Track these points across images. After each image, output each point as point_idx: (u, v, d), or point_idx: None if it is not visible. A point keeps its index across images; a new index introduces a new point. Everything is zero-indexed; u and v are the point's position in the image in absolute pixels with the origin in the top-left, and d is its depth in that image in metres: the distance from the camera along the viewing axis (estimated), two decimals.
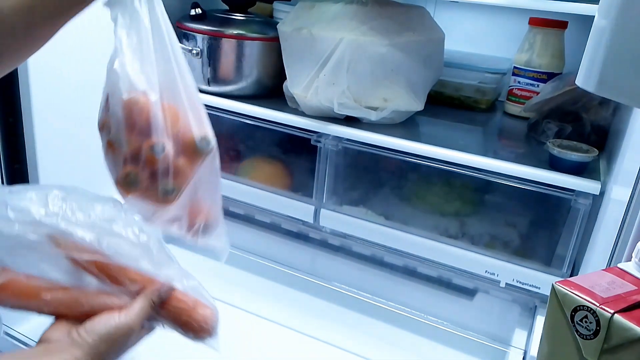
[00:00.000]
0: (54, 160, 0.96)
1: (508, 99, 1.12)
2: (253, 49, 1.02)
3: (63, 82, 0.96)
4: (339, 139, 0.93)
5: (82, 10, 0.55)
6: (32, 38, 0.54)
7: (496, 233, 0.94)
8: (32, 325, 0.87)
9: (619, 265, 0.48)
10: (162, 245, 0.50)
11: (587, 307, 0.43)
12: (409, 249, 0.93)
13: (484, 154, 0.85)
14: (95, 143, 0.56)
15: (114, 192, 0.55)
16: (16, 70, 0.90)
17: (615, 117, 0.91)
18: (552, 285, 0.46)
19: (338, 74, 0.88)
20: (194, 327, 0.47)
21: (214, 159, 0.54)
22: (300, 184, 1.04)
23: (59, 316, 0.47)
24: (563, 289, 0.45)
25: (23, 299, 0.46)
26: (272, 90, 1.05)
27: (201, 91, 1.04)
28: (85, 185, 0.54)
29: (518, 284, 0.86)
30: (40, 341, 0.46)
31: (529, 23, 1.06)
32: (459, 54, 1.15)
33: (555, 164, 0.81)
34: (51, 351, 0.44)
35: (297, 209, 1.00)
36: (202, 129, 0.54)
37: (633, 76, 0.39)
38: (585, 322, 0.43)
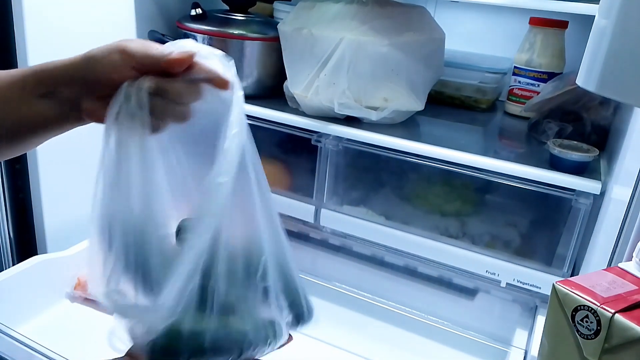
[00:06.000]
0: (54, 161, 0.96)
1: (508, 99, 1.12)
2: (253, 49, 1.02)
3: None
4: (339, 139, 0.93)
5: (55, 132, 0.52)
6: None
7: (497, 233, 0.94)
8: (32, 325, 0.87)
9: (620, 265, 0.48)
10: None
11: (588, 306, 0.43)
12: (410, 248, 0.93)
13: (485, 153, 0.85)
14: (95, 143, 0.56)
15: None
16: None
17: (615, 116, 0.91)
18: (553, 285, 0.46)
19: (338, 73, 0.88)
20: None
21: None
22: (300, 183, 1.04)
23: None
24: (564, 288, 0.45)
25: None
26: (272, 90, 1.05)
27: None
28: (86, 186, 0.54)
29: (519, 284, 0.86)
30: None
31: (530, 23, 1.06)
32: (459, 54, 1.14)
33: (556, 164, 0.81)
34: None
35: (298, 208, 1.00)
36: None
37: (634, 75, 0.39)
38: (586, 321, 0.43)
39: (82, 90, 0.48)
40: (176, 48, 0.46)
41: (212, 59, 0.47)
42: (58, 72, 0.49)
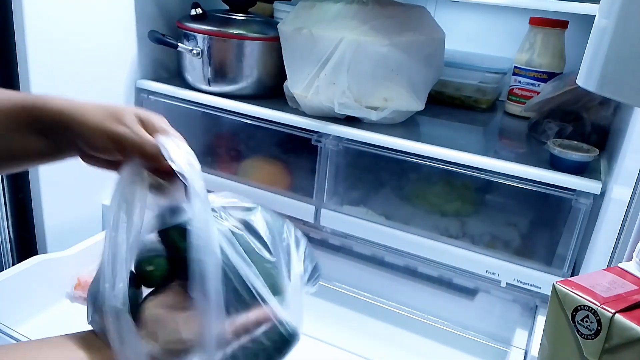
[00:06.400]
0: None
1: (509, 99, 1.12)
2: (253, 49, 1.02)
3: (63, 82, 0.96)
4: (339, 138, 0.93)
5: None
6: None
7: (497, 233, 0.94)
8: (32, 325, 0.87)
9: (620, 264, 0.48)
10: None
11: (588, 306, 0.43)
12: (410, 248, 0.93)
13: (485, 153, 0.85)
14: None
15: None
16: (16, 69, 0.90)
17: (616, 116, 0.91)
18: (553, 285, 0.46)
19: (338, 73, 0.88)
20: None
21: None
22: (300, 184, 1.04)
23: None
24: (564, 288, 0.45)
25: None
26: (272, 90, 1.05)
27: (201, 91, 1.05)
28: (85, 186, 0.54)
29: (519, 284, 0.86)
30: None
31: (530, 23, 1.06)
32: (460, 54, 1.14)
33: (556, 164, 0.81)
34: None
35: (298, 208, 1.00)
36: None
37: (634, 75, 0.39)
38: (586, 321, 0.43)
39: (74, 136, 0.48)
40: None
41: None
42: (59, 116, 0.48)
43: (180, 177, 0.46)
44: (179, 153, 0.47)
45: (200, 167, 0.48)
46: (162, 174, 0.47)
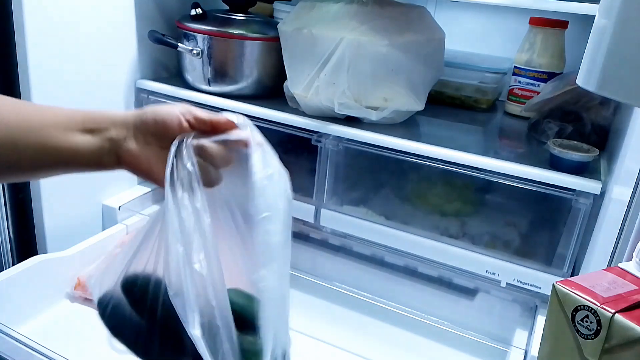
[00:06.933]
0: None
1: (508, 99, 1.12)
2: (253, 49, 1.02)
3: (63, 82, 0.96)
4: (339, 138, 0.93)
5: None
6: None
7: (497, 233, 0.94)
8: (32, 325, 0.87)
9: (620, 264, 0.48)
10: None
11: (588, 306, 0.43)
12: (410, 248, 0.93)
13: (485, 153, 0.85)
14: None
15: (112, 194, 0.55)
16: (16, 70, 0.90)
17: (615, 116, 0.91)
18: (553, 285, 0.46)
19: (338, 73, 0.88)
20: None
21: None
22: (300, 183, 1.03)
23: None
24: (564, 288, 0.45)
25: None
26: (272, 90, 1.05)
27: (201, 91, 1.05)
28: (86, 186, 0.53)
29: (519, 284, 0.86)
30: None
31: (529, 23, 1.06)
32: (460, 54, 1.14)
33: (556, 164, 0.81)
34: None
35: (298, 208, 1.00)
36: None
37: (634, 75, 0.39)
38: (586, 321, 0.43)
39: (130, 133, 0.50)
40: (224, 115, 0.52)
41: (244, 127, 0.52)
42: (113, 115, 0.51)
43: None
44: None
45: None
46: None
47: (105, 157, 0.50)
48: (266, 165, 0.49)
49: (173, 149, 0.47)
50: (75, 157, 0.49)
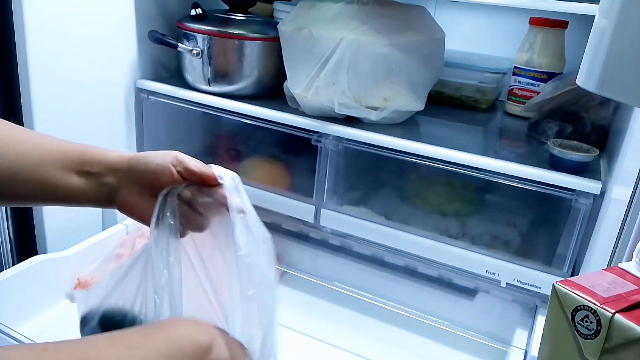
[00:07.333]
0: None
1: (508, 99, 1.12)
2: (253, 49, 1.02)
3: (63, 82, 0.96)
4: (339, 139, 0.93)
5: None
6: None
7: (497, 233, 0.94)
8: (32, 325, 0.87)
9: (620, 264, 0.48)
10: None
11: (588, 306, 0.43)
12: (410, 248, 0.93)
13: (485, 153, 0.85)
14: (95, 143, 0.56)
15: None
16: (16, 70, 0.90)
17: (615, 116, 0.91)
18: (553, 285, 0.46)
19: (338, 73, 0.88)
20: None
21: None
22: (300, 183, 1.03)
23: None
24: (564, 288, 0.45)
25: None
26: (272, 90, 1.05)
27: (201, 91, 1.05)
28: None
29: (519, 284, 0.86)
30: None
31: (529, 23, 1.06)
32: (459, 54, 1.14)
33: (556, 164, 0.81)
34: None
35: (298, 209, 1.00)
36: None
37: (634, 75, 0.39)
38: (586, 321, 0.43)
39: (123, 181, 0.52)
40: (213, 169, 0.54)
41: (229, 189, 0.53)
42: (110, 159, 0.52)
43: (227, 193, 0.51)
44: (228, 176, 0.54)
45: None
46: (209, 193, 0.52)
47: (102, 199, 0.52)
48: (249, 237, 0.49)
49: (160, 198, 0.50)
50: (72, 196, 0.52)
